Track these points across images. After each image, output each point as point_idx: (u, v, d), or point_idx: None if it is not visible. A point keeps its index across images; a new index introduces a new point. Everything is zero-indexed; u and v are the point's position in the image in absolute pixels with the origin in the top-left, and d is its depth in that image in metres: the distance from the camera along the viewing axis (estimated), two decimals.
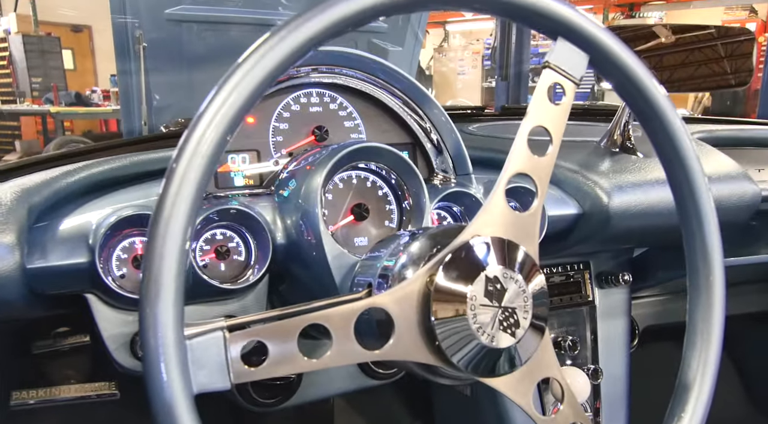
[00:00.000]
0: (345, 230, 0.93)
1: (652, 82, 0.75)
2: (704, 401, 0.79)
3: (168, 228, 0.56)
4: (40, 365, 1.11)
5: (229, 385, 0.59)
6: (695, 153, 0.77)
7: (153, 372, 0.56)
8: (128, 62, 2.71)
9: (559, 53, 0.72)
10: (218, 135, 0.57)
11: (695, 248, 0.79)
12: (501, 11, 0.70)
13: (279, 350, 0.61)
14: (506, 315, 0.67)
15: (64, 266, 0.84)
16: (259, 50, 0.58)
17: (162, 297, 0.55)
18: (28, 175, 0.95)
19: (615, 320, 1.38)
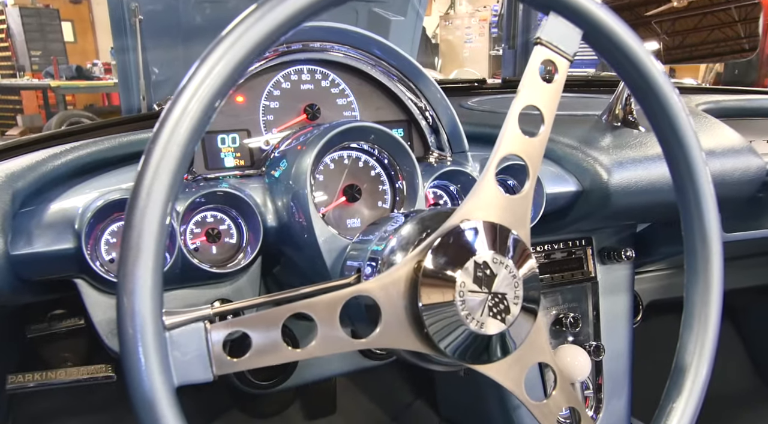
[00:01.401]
0: (337, 212, 0.92)
1: (649, 58, 0.73)
2: (700, 384, 0.78)
3: (144, 216, 0.55)
4: (35, 348, 1.11)
5: (211, 377, 0.58)
6: (693, 131, 0.75)
7: (131, 365, 0.55)
8: (125, 36, 2.69)
9: (552, 29, 0.70)
10: (198, 113, 0.56)
11: (693, 230, 0.78)
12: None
13: (262, 340, 0.60)
14: (496, 301, 0.67)
15: (50, 252, 0.84)
16: (245, 22, 0.57)
17: (139, 286, 0.54)
18: (13, 159, 0.95)
19: (617, 296, 1.38)
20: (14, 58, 8.04)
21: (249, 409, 1.74)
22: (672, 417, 0.77)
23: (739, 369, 1.91)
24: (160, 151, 0.56)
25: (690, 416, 0.77)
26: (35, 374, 1.10)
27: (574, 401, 0.74)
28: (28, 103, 7.80)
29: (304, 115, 1.02)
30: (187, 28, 2.86)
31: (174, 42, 2.86)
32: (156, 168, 0.55)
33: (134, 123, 1.15)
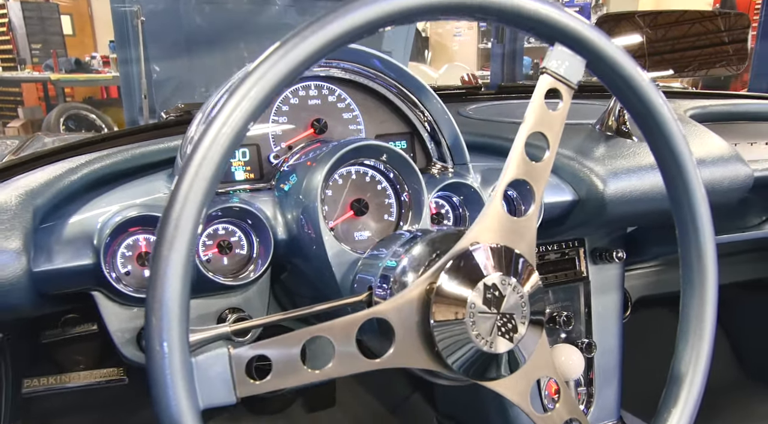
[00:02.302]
0: (345, 225, 0.93)
1: (649, 86, 0.74)
2: (696, 393, 0.79)
3: (172, 249, 0.56)
4: (49, 353, 1.11)
5: (234, 399, 0.59)
6: (693, 161, 0.76)
7: (160, 390, 0.56)
8: (127, 38, 2.68)
9: (557, 58, 0.71)
10: (220, 156, 0.57)
11: (689, 247, 0.79)
12: (500, 18, 0.68)
13: (283, 364, 0.61)
14: (504, 321, 0.68)
15: (70, 268, 0.84)
16: (271, 58, 0.58)
17: (167, 322, 0.55)
18: (30, 173, 0.94)
19: (608, 295, 1.38)
20: (15, 51, 7.96)
21: (251, 402, 1.74)
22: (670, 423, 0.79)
23: (722, 363, 1.93)
24: (187, 185, 0.56)
25: (686, 422, 0.79)
26: (50, 378, 1.11)
27: (576, 413, 0.75)
28: (29, 95, 7.74)
29: (311, 130, 1.02)
30: (188, 29, 2.85)
31: (175, 42, 2.84)
32: (185, 200, 0.56)
33: (144, 133, 1.15)
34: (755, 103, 1.66)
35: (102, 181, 0.98)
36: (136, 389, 1.28)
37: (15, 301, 0.79)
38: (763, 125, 1.64)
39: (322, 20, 0.60)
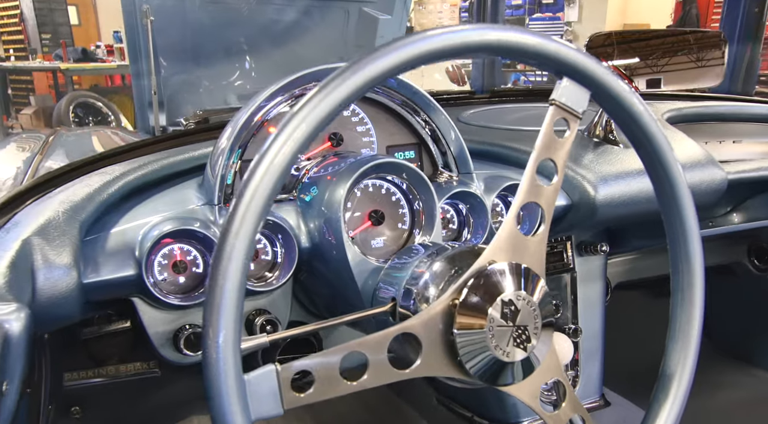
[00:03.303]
0: (363, 234, 0.94)
1: (647, 113, 0.75)
2: (684, 389, 0.82)
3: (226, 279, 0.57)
4: (88, 349, 1.12)
5: (281, 411, 0.61)
6: (686, 186, 0.78)
7: (217, 406, 0.57)
8: (137, 37, 2.65)
9: (564, 91, 0.72)
10: (267, 195, 0.58)
11: (679, 256, 0.81)
12: (515, 55, 0.69)
13: (324, 377, 0.62)
14: (519, 333, 0.69)
15: (115, 279, 0.85)
16: (313, 100, 0.60)
17: (224, 344, 0.56)
18: (69, 186, 0.94)
19: (592, 283, 1.40)
20: (27, 42, 7.86)
21: None
22: (661, 418, 0.81)
23: None
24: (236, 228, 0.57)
25: (675, 416, 0.81)
26: (88, 372, 1.12)
27: (580, 410, 0.77)
28: (39, 83, 7.64)
29: (328, 143, 1.03)
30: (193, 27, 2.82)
31: (182, 40, 2.81)
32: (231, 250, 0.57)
33: (168, 141, 1.14)
34: (723, 105, 1.68)
35: (135, 191, 0.98)
36: (167, 381, 1.29)
37: (67, 311, 0.80)
38: (730, 125, 1.67)
39: (359, 63, 0.61)
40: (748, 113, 1.68)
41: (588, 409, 1.38)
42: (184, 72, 2.90)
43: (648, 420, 0.81)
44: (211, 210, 0.93)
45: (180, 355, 0.93)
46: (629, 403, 1.44)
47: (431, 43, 0.63)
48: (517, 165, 1.17)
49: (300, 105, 0.59)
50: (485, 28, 0.66)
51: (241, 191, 0.58)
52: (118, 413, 1.45)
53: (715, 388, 1.91)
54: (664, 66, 1.50)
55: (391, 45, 0.62)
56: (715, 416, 1.73)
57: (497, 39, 0.66)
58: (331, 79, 0.60)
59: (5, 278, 0.69)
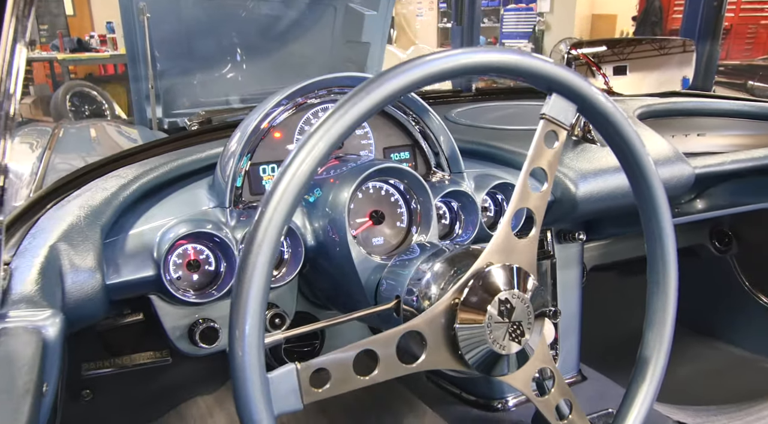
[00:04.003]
0: (365, 233, 0.95)
1: (627, 124, 0.77)
2: (659, 372, 0.85)
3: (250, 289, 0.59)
4: (103, 340, 1.12)
5: (301, 406, 0.62)
6: (661, 186, 0.80)
7: (243, 404, 0.59)
8: (134, 33, 2.61)
9: (553, 106, 0.74)
10: (288, 208, 0.59)
11: (656, 257, 0.84)
12: (513, 74, 0.71)
13: (339, 373, 0.64)
14: (514, 328, 0.72)
15: (135, 279, 0.85)
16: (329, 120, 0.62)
17: (249, 348, 0.58)
18: (85, 190, 0.93)
19: (570, 269, 1.42)
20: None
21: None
22: (638, 398, 0.84)
23: None
24: (260, 238, 0.58)
25: (651, 396, 0.84)
26: (104, 362, 1.12)
27: (568, 395, 0.80)
28: (37, 73, 7.50)
29: None
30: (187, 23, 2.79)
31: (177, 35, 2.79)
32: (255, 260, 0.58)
33: (175, 143, 1.14)
34: (689, 101, 1.70)
35: (149, 193, 0.98)
36: (179, 369, 1.30)
37: (93, 311, 0.81)
38: (695, 120, 1.69)
39: (372, 84, 0.63)
40: (710, 108, 1.71)
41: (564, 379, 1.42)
42: (179, 66, 2.87)
43: (627, 400, 0.84)
44: (223, 212, 0.93)
45: (195, 347, 0.94)
46: (604, 377, 1.47)
47: (439, 65, 0.65)
48: (504, 163, 1.19)
49: (318, 124, 0.61)
50: (489, 51, 0.67)
51: (265, 203, 0.59)
52: (127, 395, 1.46)
53: (680, 360, 1.97)
54: (630, 54, 1.52)
55: (402, 67, 0.64)
56: (680, 386, 1.77)
57: (498, 60, 0.68)
58: (346, 99, 0.62)
59: (38, 285, 0.69)
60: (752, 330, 2.01)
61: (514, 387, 0.76)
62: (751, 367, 1.95)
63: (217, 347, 0.94)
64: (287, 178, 0.59)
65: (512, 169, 1.17)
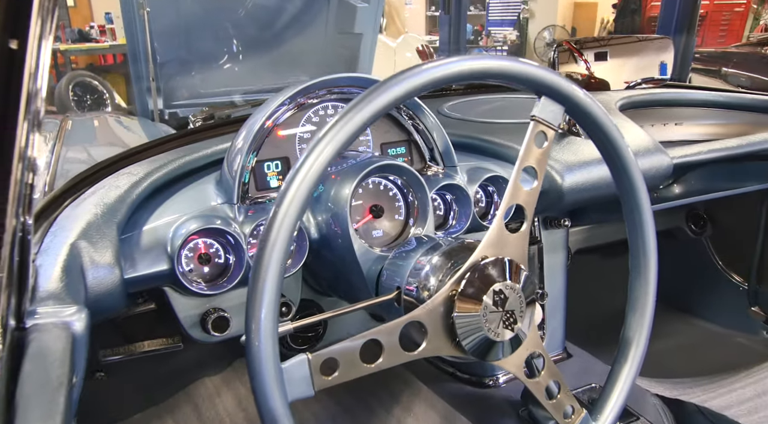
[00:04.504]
0: (365, 226, 0.96)
1: (611, 124, 0.79)
2: (641, 352, 0.88)
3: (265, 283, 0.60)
4: (119, 328, 1.14)
5: (313, 393, 0.65)
6: (642, 178, 0.82)
7: (260, 392, 0.61)
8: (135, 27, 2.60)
9: (543, 108, 0.75)
10: (297, 212, 0.61)
11: (637, 246, 0.86)
12: (508, 79, 0.73)
13: (347, 362, 0.67)
14: (508, 317, 0.74)
15: (151, 273, 0.87)
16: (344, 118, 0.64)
17: (264, 340, 0.60)
18: (99, 187, 0.94)
19: (556, 253, 1.44)
20: None
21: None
22: (621, 377, 0.87)
23: None
24: (274, 236, 0.60)
25: (633, 375, 0.87)
26: (120, 348, 1.13)
27: (557, 377, 0.83)
28: None
29: None
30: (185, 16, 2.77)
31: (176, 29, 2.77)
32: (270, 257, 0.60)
33: (181, 139, 1.15)
34: (667, 92, 1.72)
35: (159, 189, 0.99)
36: (190, 354, 1.31)
37: (113, 304, 0.82)
38: (673, 109, 1.71)
39: (375, 91, 0.65)
40: (687, 99, 1.73)
41: (552, 360, 1.45)
42: (178, 59, 2.86)
43: (611, 378, 0.87)
44: (231, 208, 0.95)
45: (208, 335, 0.96)
46: (588, 354, 1.50)
47: (438, 72, 0.66)
48: (495, 156, 1.20)
49: (326, 129, 0.63)
50: (484, 59, 0.69)
51: (278, 203, 0.61)
52: (138, 377, 1.48)
53: (658, 336, 2.00)
54: (610, 40, 1.53)
55: (402, 75, 0.65)
56: (658, 360, 1.80)
57: (493, 67, 0.70)
58: (352, 106, 0.64)
59: (63, 282, 0.70)
60: (725, 307, 2.05)
61: (507, 370, 0.79)
62: (724, 342, 1.99)
63: (228, 334, 0.96)
64: (298, 180, 0.61)
65: (503, 161, 1.19)
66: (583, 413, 0.86)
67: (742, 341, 1.97)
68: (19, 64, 0.50)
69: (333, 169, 0.97)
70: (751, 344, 1.94)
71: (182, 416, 1.54)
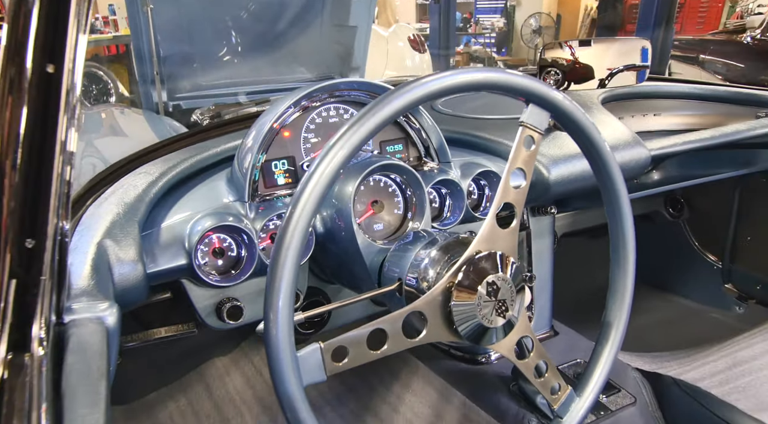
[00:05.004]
0: (367, 220, 1.00)
1: (593, 127, 0.83)
2: (621, 334, 0.92)
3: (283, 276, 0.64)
4: (137, 316, 1.16)
5: (325, 378, 0.69)
6: (621, 177, 0.86)
7: (278, 378, 0.65)
8: (139, 22, 2.59)
9: (530, 114, 0.79)
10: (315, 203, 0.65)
11: (617, 238, 0.90)
12: (500, 89, 0.76)
13: (355, 349, 0.70)
14: (500, 305, 0.78)
15: (171, 268, 0.90)
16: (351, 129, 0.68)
17: (282, 329, 0.64)
18: (118, 186, 0.95)
19: (543, 237, 1.47)
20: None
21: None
22: (603, 355, 0.92)
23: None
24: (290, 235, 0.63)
25: (614, 353, 0.91)
26: (137, 335, 1.16)
27: (544, 357, 0.87)
28: None
29: None
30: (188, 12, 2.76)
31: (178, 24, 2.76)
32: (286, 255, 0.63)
33: (191, 138, 1.17)
34: (646, 85, 1.74)
35: (173, 187, 1.01)
36: (204, 339, 1.33)
37: (137, 297, 0.85)
38: (651, 101, 1.74)
39: (383, 101, 0.68)
40: (664, 91, 1.75)
41: (540, 338, 1.49)
42: (180, 53, 2.86)
43: (594, 356, 0.92)
44: (242, 206, 0.97)
45: (223, 323, 0.99)
46: (573, 331, 1.54)
47: (439, 84, 0.69)
48: (485, 151, 1.23)
49: (339, 134, 0.66)
50: (479, 71, 0.73)
51: (294, 204, 0.64)
52: (153, 359, 1.51)
53: (638, 312, 2.04)
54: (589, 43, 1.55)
55: (405, 88, 0.69)
56: (638, 335, 1.84)
57: (487, 79, 0.74)
58: (360, 116, 0.67)
59: (93, 280, 0.73)
60: (700, 284, 2.09)
61: (500, 353, 0.83)
62: (699, 317, 2.04)
63: (242, 322, 0.99)
64: (312, 182, 0.64)
65: (493, 156, 1.22)
66: (568, 389, 0.90)
67: (717, 317, 2.02)
68: (56, 86, 0.53)
69: None
70: (725, 319, 1.99)
71: (195, 394, 1.58)
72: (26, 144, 0.52)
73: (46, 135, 0.53)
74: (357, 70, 3.11)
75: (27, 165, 0.53)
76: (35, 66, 0.51)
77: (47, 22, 0.51)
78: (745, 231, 1.97)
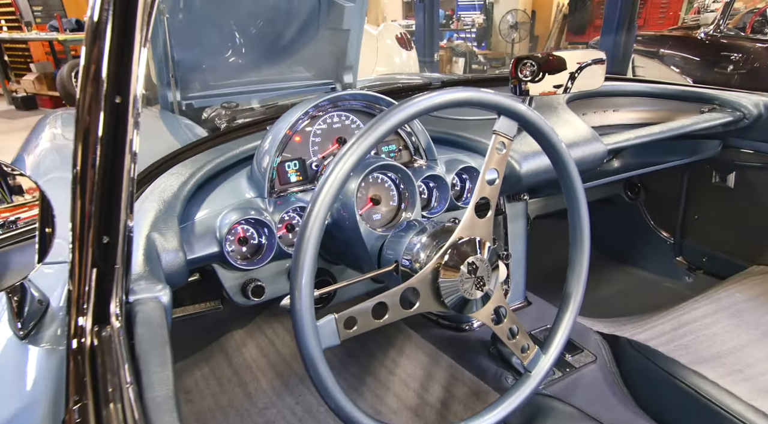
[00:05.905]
0: (367, 212, 1.09)
1: (553, 133, 0.92)
2: (578, 303, 1.02)
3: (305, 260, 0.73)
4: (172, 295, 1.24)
5: (339, 342, 0.79)
6: (577, 174, 0.96)
7: (303, 342, 0.75)
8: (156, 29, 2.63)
9: (501, 124, 0.88)
10: (329, 201, 0.74)
11: (575, 224, 0.99)
12: (477, 105, 0.85)
13: (362, 319, 0.80)
14: (478, 281, 0.88)
15: (205, 255, 0.98)
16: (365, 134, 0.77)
17: (305, 302, 0.74)
18: (156, 185, 1.02)
19: (518, 221, 1.56)
20: (18, 14, 7.17)
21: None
22: (563, 321, 1.02)
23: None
24: (311, 227, 0.73)
25: (573, 319, 1.02)
26: (176, 310, 1.24)
27: (516, 322, 0.97)
28: (36, 51, 7.09)
29: (337, 145, 1.15)
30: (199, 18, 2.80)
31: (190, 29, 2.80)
32: (307, 245, 0.73)
33: (213, 140, 1.24)
34: (607, 85, 1.82)
35: (202, 185, 1.08)
36: (228, 313, 1.40)
37: (179, 280, 0.93)
38: (611, 99, 1.82)
39: (387, 115, 0.78)
40: (623, 90, 1.84)
41: (516, 309, 1.59)
42: (192, 56, 2.90)
43: (556, 323, 1.02)
44: (262, 201, 1.06)
45: (248, 300, 1.08)
46: (544, 301, 1.62)
47: (428, 102, 0.79)
48: (466, 148, 1.32)
49: (351, 142, 0.75)
50: (467, 91, 0.83)
51: (313, 201, 0.73)
52: (177, 332, 1.60)
53: (600, 282, 2.15)
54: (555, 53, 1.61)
55: (404, 104, 0.78)
56: (600, 303, 1.95)
57: (469, 97, 0.84)
58: (367, 128, 0.76)
59: (148, 267, 0.82)
60: (655, 258, 2.19)
61: (480, 320, 0.93)
62: (653, 286, 2.14)
63: (264, 298, 1.09)
64: (328, 185, 0.74)
65: (473, 153, 1.31)
66: (536, 348, 1.01)
67: (669, 285, 2.13)
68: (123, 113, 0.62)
69: None
70: (675, 288, 2.10)
71: (216, 363, 1.68)
72: (102, 156, 0.60)
73: (117, 149, 0.62)
74: (350, 68, 3.17)
75: (102, 177, 0.61)
76: (108, 97, 0.59)
77: (117, 63, 0.59)
78: (693, 211, 2.07)
